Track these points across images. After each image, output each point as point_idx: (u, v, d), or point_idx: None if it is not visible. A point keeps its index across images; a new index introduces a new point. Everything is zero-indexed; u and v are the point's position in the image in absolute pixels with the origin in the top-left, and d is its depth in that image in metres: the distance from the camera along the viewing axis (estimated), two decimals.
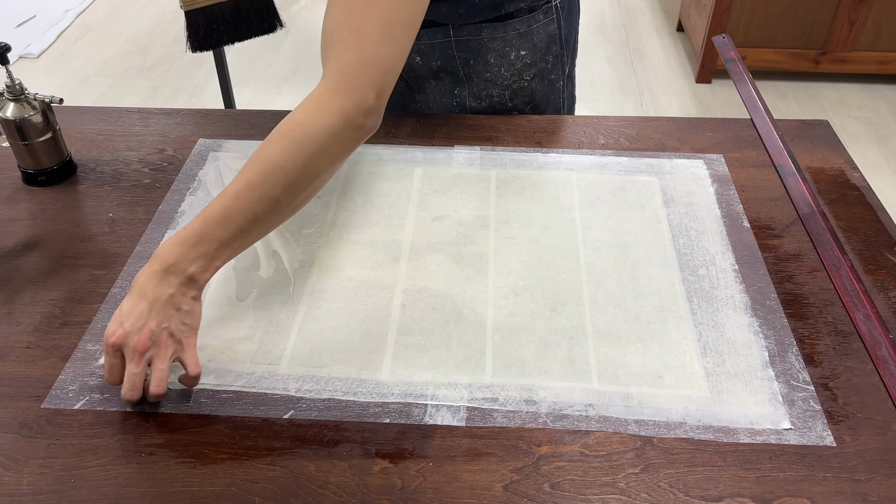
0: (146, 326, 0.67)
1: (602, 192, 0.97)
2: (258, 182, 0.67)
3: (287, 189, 0.68)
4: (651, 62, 3.01)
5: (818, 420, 0.70)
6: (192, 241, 0.68)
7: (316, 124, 0.67)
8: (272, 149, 0.68)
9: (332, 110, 0.67)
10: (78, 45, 3.12)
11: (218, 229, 0.68)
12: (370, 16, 0.66)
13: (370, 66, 0.67)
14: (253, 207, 0.68)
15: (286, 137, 0.68)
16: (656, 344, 0.77)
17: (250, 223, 0.68)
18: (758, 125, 1.10)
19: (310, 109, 0.68)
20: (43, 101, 0.96)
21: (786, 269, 0.86)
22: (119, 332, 0.67)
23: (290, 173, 0.67)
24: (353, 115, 0.67)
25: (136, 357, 0.67)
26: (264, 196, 0.67)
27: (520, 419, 0.70)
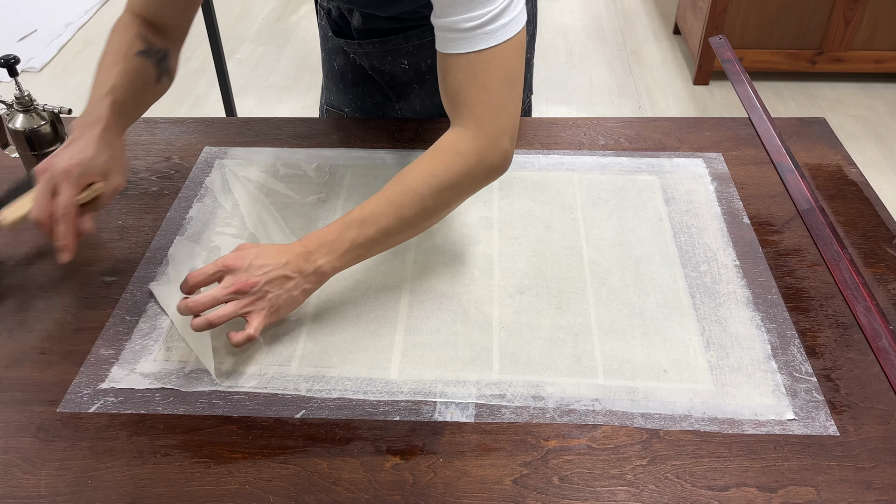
0: (259, 277, 0.72)
1: (603, 191, 0.99)
2: (397, 202, 0.76)
3: (419, 212, 0.77)
4: (648, 65, 3.03)
5: (821, 410, 0.71)
6: (330, 238, 0.75)
7: (455, 164, 0.76)
8: (414, 175, 0.76)
9: (470, 153, 0.76)
10: (80, 59, 3.14)
11: (354, 233, 0.75)
12: (492, 72, 0.74)
13: (500, 115, 0.76)
14: (387, 222, 0.76)
15: (427, 168, 0.76)
16: (660, 339, 0.79)
17: (381, 235, 0.76)
18: (756, 123, 1.12)
19: (450, 151, 0.77)
20: (52, 111, 0.97)
21: (786, 263, 0.88)
22: (243, 262, 0.72)
23: (426, 199, 0.76)
24: (488, 158, 0.77)
25: (230, 288, 0.72)
26: (398, 214, 0.76)
27: (528, 414, 0.71)
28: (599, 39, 3.23)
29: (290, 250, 0.74)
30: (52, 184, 0.77)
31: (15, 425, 0.71)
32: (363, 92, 1.15)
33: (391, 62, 1.07)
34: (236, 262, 0.72)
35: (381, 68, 1.09)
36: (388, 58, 1.06)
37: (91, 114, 0.81)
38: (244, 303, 0.72)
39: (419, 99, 1.12)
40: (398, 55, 1.05)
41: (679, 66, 3.01)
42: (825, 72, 2.83)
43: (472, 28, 0.72)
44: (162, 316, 0.82)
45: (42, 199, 0.76)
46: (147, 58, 0.86)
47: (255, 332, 0.72)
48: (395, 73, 1.09)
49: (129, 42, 0.85)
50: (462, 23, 0.72)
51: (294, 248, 0.75)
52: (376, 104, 1.16)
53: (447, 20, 0.73)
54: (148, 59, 0.86)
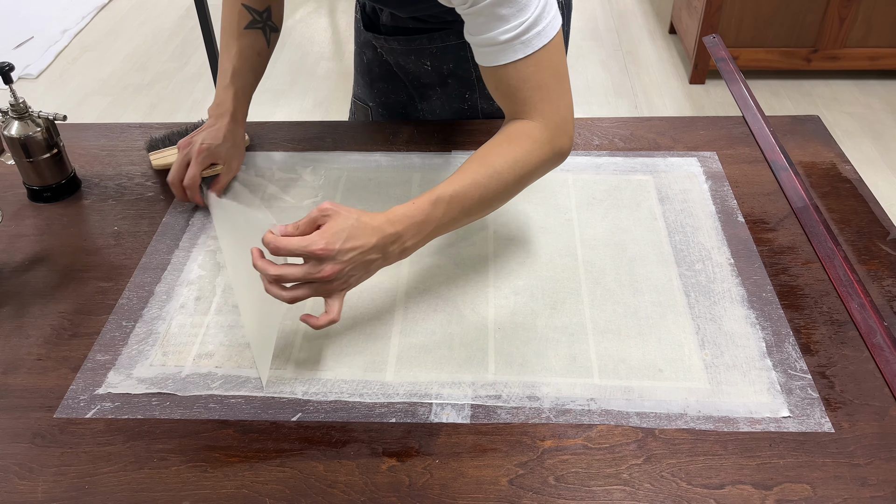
0: (345, 263, 0.70)
1: (598, 191, 0.99)
2: (483, 183, 0.77)
3: (501, 196, 0.79)
4: (644, 65, 3.03)
5: (816, 407, 0.72)
6: (418, 219, 0.74)
7: (534, 151, 0.79)
8: (499, 160, 0.78)
9: (544, 142, 0.79)
10: (76, 65, 3.14)
11: (440, 213, 0.75)
12: (543, 72, 0.78)
13: (560, 105, 0.80)
14: (471, 203, 0.77)
15: (510, 153, 0.78)
16: (655, 338, 0.79)
17: (463, 215, 0.77)
18: (750, 122, 1.12)
19: (529, 139, 0.79)
20: (46, 118, 0.98)
21: (781, 261, 0.88)
22: (332, 249, 0.69)
23: (508, 183, 0.78)
24: (558, 148, 0.81)
25: (316, 275, 0.70)
26: (482, 196, 0.77)
27: (523, 415, 0.72)
28: (595, 40, 3.24)
29: (380, 231, 0.72)
30: (187, 159, 0.96)
31: (12, 431, 0.71)
32: (388, 88, 1.17)
33: (415, 61, 1.08)
34: (326, 249, 0.69)
35: (406, 66, 1.10)
36: (411, 56, 1.08)
37: (221, 105, 0.98)
38: (325, 289, 0.72)
39: (440, 101, 1.13)
40: (421, 55, 1.07)
41: (675, 65, 3.01)
42: (821, 69, 2.83)
43: (512, 38, 0.75)
44: (158, 321, 0.83)
45: (177, 169, 0.96)
46: (254, 28, 1.00)
47: (338, 316, 0.73)
48: (418, 72, 1.10)
49: (237, 18, 0.99)
50: (500, 36, 0.75)
51: (384, 227, 0.73)
52: (400, 102, 1.17)
53: (485, 36, 0.76)
54: (255, 28, 1.00)
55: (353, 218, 0.71)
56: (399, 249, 0.74)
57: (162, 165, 1.03)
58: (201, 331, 0.81)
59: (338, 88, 2.96)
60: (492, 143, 0.79)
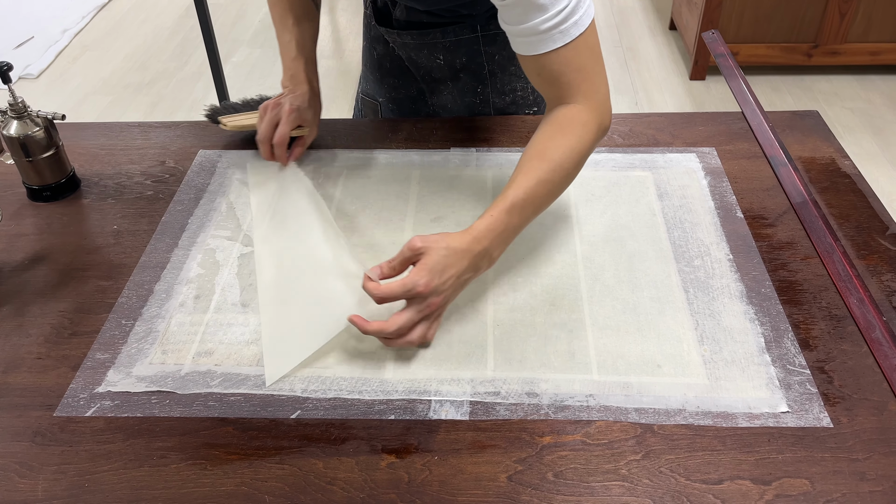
0: (445, 294, 0.74)
1: (597, 188, 0.99)
2: (547, 179, 0.79)
3: (563, 185, 0.82)
4: (645, 61, 3.03)
5: (815, 402, 0.72)
6: (499, 230, 0.76)
7: (585, 134, 0.81)
8: (558, 152, 0.80)
9: (591, 124, 0.82)
10: (77, 64, 3.15)
11: (516, 219, 0.78)
12: (581, 55, 0.80)
13: (600, 86, 0.83)
14: (542, 201, 0.80)
15: (565, 142, 0.80)
16: (654, 334, 0.79)
17: (534, 214, 0.80)
18: (749, 117, 1.12)
19: (577, 123, 0.81)
20: (45, 117, 0.98)
21: (779, 256, 0.88)
22: (431, 286, 0.72)
23: (570, 172, 0.81)
24: (603, 125, 0.84)
25: (426, 311, 0.74)
26: (550, 191, 0.80)
27: (522, 411, 0.72)
28: None
29: (470, 252, 0.75)
30: (276, 119, 0.98)
31: (12, 430, 0.72)
32: (398, 83, 1.17)
33: (427, 56, 1.08)
34: (429, 287, 0.72)
35: (418, 61, 1.10)
36: (424, 51, 1.08)
37: (295, 76, 1.02)
38: (434, 317, 0.76)
39: (451, 96, 1.13)
40: (434, 49, 1.07)
41: (675, 61, 3.01)
42: (821, 65, 2.82)
43: (552, 28, 0.77)
44: (157, 319, 0.83)
45: (267, 128, 0.98)
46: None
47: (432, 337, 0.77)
48: (430, 67, 1.10)
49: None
50: (540, 25, 0.77)
51: (472, 248, 0.75)
52: (410, 97, 1.17)
53: (524, 26, 0.78)
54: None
55: (443, 248, 0.73)
56: (487, 263, 0.78)
57: (238, 127, 1.05)
58: (200, 329, 0.81)
59: (337, 86, 2.96)
60: (543, 134, 0.81)
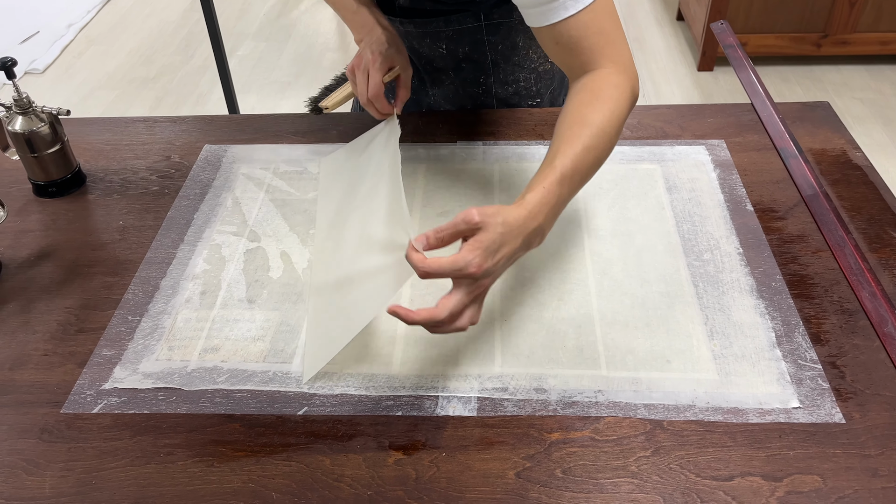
0: (495, 275, 0.68)
1: (605, 181, 0.98)
2: (592, 145, 0.74)
3: (609, 150, 0.77)
4: (652, 52, 3.01)
5: (826, 398, 0.71)
6: (552, 202, 0.71)
7: (622, 99, 0.78)
8: (600, 118, 0.76)
9: (625, 87, 0.79)
10: (82, 59, 3.15)
11: (568, 191, 0.73)
12: (599, 17, 0.78)
13: (622, 48, 0.80)
14: (588, 170, 0.75)
15: (605, 106, 0.76)
16: (663, 329, 0.78)
17: (581, 183, 0.76)
18: (758, 109, 1.11)
19: (610, 87, 0.78)
20: (50, 113, 0.97)
21: (790, 250, 0.87)
22: (485, 268, 0.65)
23: (613, 137, 0.77)
24: (635, 87, 0.80)
25: (477, 291, 0.67)
26: (597, 158, 0.76)
27: (530, 407, 0.71)
28: None
29: (525, 228, 0.69)
30: (366, 72, 0.93)
31: (19, 427, 0.72)
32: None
33: (429, 45, 1.07)
34: (483, 266, 0.65)
35: (420, 50, 1.09)
36: (426, 40, 1.07)
37: (363, 25, 0.96)
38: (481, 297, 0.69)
39: (453, 87, 1.12)
40: (437, 38, 1.06)
41: (683, 52, 2.98)
42: (831, 55, 2.80)
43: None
44: (163, 316, 0.82)
45: (362, 87, 0.93)
46: None
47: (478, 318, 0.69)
48: (432, 57, 1.09)
49: None
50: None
51: (528, 224, 0.69)
52: (412, 89, 1.16)
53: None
54: None
55: (499, 225, 0.66)
56: (539, 239, 0.72)
57: (338, 102, 1.02)
58: (207, 325, 0.81)
59: None
60: (579, 102, 0.78)
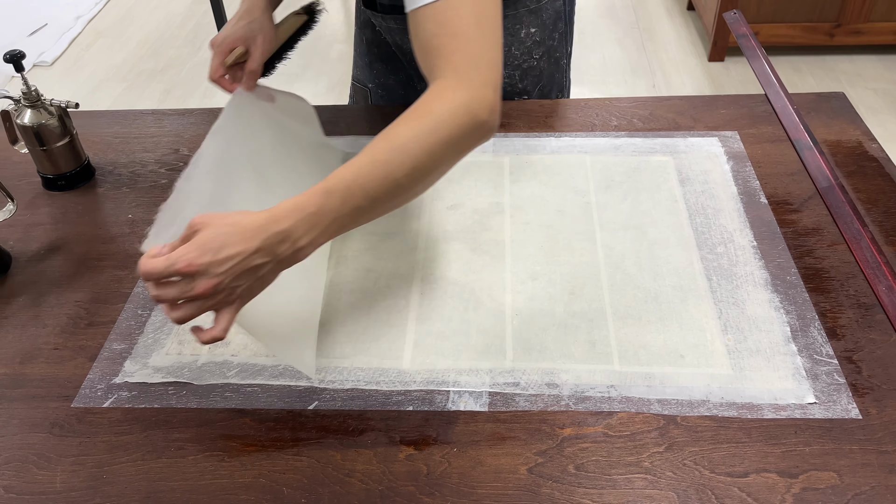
0: (222, 276, 0.60)
1: (617, 173, 0.97)
2: (384, 160, 0.66)
3: (410, 172, 0.67)
4: (662, 42, 2.98)
5: (843, 393, 0.70)
6: (309, 211, 0.64)
7: (445, 115, 0.67)
8: (401, 131, 0.67)
9: (457, 104, 0.67)
10: (90, 52, 3.14)
11: (337, 203, 0.64)
12: (462, 18, 0.68)
13: (479, 62, 0.68)
14: (375, 186, 0.66)
15: (416, 123, 0.67)
16: (676, 323, 0.77)
17: (369, 202, 0.66)
18: (772, 100, 1.09)
19: (437, 102, 0.68)
20: (59, 106, 0.97)
21: (805, 243, 0.86)
22: (201, 264, 0.59)
23: (418, 157, 0.66)
24: (477, 111, 0.68)
25: (190, 293, 0.60)
26: (388, 176, 0.66)
27: (542, 402, 0.71)
28: (611, 17, 3.18)
29: (263, 231, 0.61)
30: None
31: (30, 421, 0.72)
32: (387, 69, 1.15)
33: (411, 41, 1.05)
34: (195, 263, 0.59)
35: (403, 46, 1.08)
36: (408, 36, 1.05)
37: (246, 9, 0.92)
38: (209, 304, 0.61)
39: None
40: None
41: (693, 42, 2.95)
42: (844, 45, 2.76)
43: None
44: None
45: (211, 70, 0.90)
46: None
47: (223, 334, 0.62)
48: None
49: None
50: None
51: (268, 227, 0.62)
52: (399, 82, 1.15)
53: None
54: None
55: (226, 224, 0.61)
56: (291, 249, 0.63)
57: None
58: None
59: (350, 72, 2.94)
60: (403, 114, 0.69)
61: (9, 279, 0.87)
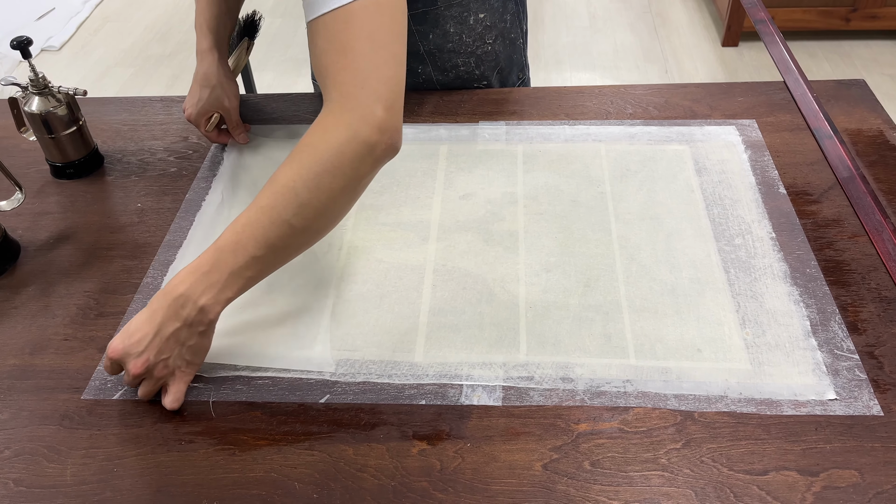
0: (144, 354, 0.67)
1: (632, 163, 0.95)
2: (269, 205, 0.65)
3: (298, 211, 0.65)
4: (675, 27, 2.94)
5: (864, 389, 0.68)
6: (203, 270, 0.66)
7: (323, 144, 0.65)
8: (283, 171, 0.66)
9: (338, 127, 0.65)
10: (98, 36, 3.13)
11: (230, 257, 0.66)
12: (352, 32, 0.64)
13: (368, 78, 0.64)
14: (265, 232, 0.65)
15: (295, 159, 0.66)
16: (693, 316, 0.76)
17: (264, 250, 0.66)
18: (791, 87, 1.07)
19: (317, 132, 0.66)
20: (67, 93, 0.96)
21: (825, 235, 0.84)
22: (119, 350, 0.68)
23: (301, 194, 0.65)
24: (361, 130, 0.64)
25: (131, 376, 0.69)
26: (275, 219, 0.65)
27: (557, 397, 0.69)
28: (623, 2, 3.14)
29: (164, 300, 0.67)
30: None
31: (40, 413, 0.71)
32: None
33: None
34: (118, 350, 0.68)
35: None
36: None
37: (200, 58, 0.96)
38: (152, 381, 0.69)
39: (423, 77, 1.09)
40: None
41: (706, 27, 2.91)
42: (860, 30, 2.72)
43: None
44: None
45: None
46: None
47: (175, 404, 0.70)
48: None
49: None
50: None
51: (167, 295, 0.67)
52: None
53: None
54: None
55: (140, 313, 0.68)
56: (195, 312, 0.66)
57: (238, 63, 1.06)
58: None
59: None
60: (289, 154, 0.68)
61: (18, 269, 0.87)
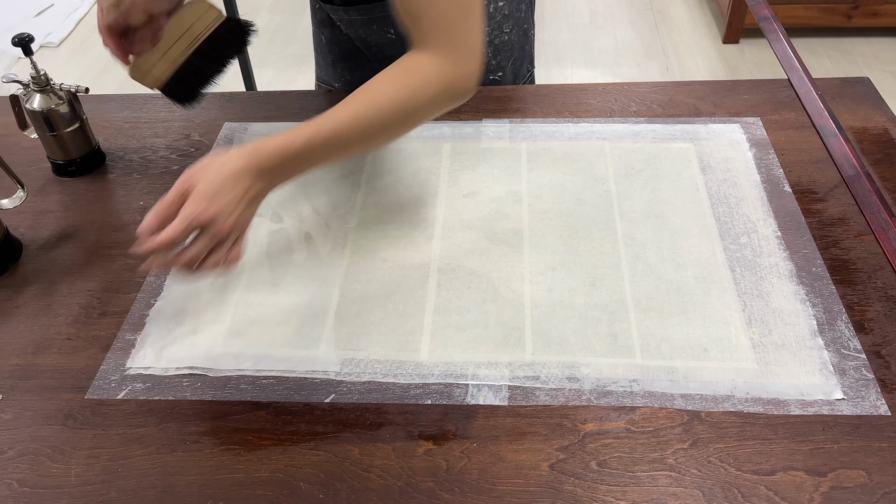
0: (233, 215, 0.67)
1: (636, 161, 0.95)
2: (365, 118, 0.71)
3: (384, 136, 0.74)
4: (676, 24, 2.93)
5: (871, 389, 0.68)
6: (291, 155, 0.70)
7: (423, 92, 0.72)
8: (382, 99, 0.72)
9: (437, 81, 0.73)
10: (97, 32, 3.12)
11: (318, 152, 0.71)
12: (448, 6, 0.72)
13: (460, 44, 0.73)
14: (351, 142, 0.72)
15: (397, 94, 0.72)
16: (699, 315, 0.76)
17: (343, 153, 0.73)
18: (796, 85, 1.07)
19: (418, 77, 0.73)
20: (69, 90, 0.95)
21: (831, 233, 0.84)
22: (211, 212, 0.65)
23: (393, 125, 0.73)
24: (458, 84, 0.74)
25: (210, 238, 0.66)
26: (364, 132, 0.72)
27: (563, 397, 0.69)
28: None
29: (247, 173, 0.68)
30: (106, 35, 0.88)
31: (43, 413, 0.71)
32: (351, 66, 1.12)
33: (377, 31, 1.03)
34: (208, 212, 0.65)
35: (368, 39, 1.05)
36: (373, 27, 1.02)
37: None
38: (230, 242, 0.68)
39: None
40: (384, 23, 1.01)
41: (707, 24, 2.91)
42: (861, 27, 2.71)
43: None
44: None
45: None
46: None
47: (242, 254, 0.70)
48: (381, 43, 1.05)
49: None
50: None
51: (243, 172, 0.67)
52: (365, 78, 1.12)
53: None
54: None
55: (215, 172, 0.66)
56: (272, 187, 0.71)
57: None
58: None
59: None
60: (382, 76, 0.74)
61: (20, 267, 0.86)
